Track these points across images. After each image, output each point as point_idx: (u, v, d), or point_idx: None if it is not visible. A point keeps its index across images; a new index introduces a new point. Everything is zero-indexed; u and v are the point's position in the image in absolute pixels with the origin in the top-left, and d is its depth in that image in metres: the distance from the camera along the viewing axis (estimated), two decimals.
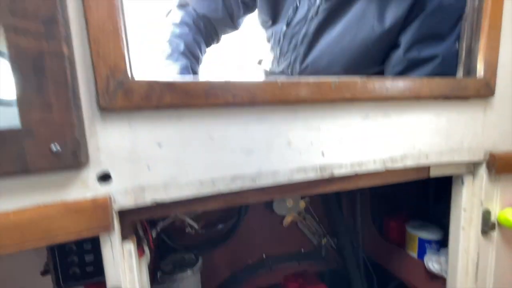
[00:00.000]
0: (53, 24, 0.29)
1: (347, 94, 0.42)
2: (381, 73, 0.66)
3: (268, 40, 0.76)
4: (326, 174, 0.44)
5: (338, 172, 0.45)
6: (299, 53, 0.68)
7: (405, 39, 0.58)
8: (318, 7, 0.62)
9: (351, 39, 0.60)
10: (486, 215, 0.58)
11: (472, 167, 0.58)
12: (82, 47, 0.31)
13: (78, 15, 0.30)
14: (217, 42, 0.80)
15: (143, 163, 0.35)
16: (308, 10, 0.64)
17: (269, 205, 0.89)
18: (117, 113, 0.33)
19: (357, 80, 0.43)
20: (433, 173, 0.55)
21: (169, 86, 0.34)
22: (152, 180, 0.36)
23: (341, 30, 0.60)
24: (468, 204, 0.59)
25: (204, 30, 0.72)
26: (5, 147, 0.29)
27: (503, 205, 0.60)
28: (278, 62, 0.76)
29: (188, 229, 0.74)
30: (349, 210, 1.02)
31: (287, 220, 0.94)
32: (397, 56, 0.59)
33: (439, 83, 0.49)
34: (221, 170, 0.38)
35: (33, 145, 0.29)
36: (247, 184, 0.40)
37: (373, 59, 0.63)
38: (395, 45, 0.60)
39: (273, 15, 0.69)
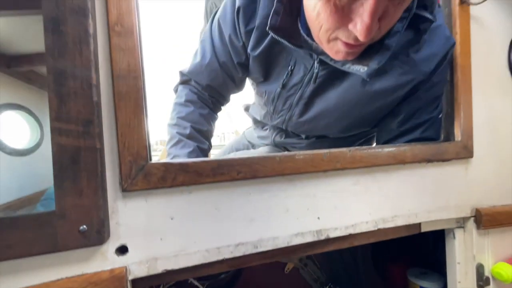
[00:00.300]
0: (89, 125, 0.35)
1: (338, 164, 0.47)
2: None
3: (260, 95, 0.78)
4: (322, 237, 0.48)
5: (334, 234, 0.49)
6: (293, 113, 0.71)
7: (398, 112, 0.63)
8: (317, 74, 0.61)
9: (348, 109, 0.63)
10: (479, 269, 0.61)
11: (462, 222, 0.62)
12: (111, 140, 0.37)
13: (109, 115, 0.37)
14: (227, 102, 0.83)
15: (156, 235, 0.39)
16: (304, 75, 0.65)
17: None
18: (136, 192, 0.38)
19: (346, 151, 0.48)
20: (424, 228, 0.59)
21: (182, 167, 0.39)
22: (164, 251, 0.39)
23: (338, 100, 0.63)
24: (462, 257, 0.61)
25: (210, 100, 0.77)
26: (41, 229, 0.33)
27: (495, 259, 0.62)
28: (271, 118, 0.80)
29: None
30: (350, 257, 1.03)
31: (289, 267, 0.95)
32: (391, 127, 0.65)
33: (421, 149, 0.54)
34: (225, 239, 0.42)
35: (64, 226, 0.34)
36: (249, 250, 0.43)
37: (370, 124, 0.69)
38: (389, 113, 0.65)
39: (265, 74, 0.70)
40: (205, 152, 0.75)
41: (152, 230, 0.39)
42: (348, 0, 0.41)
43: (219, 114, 0.83)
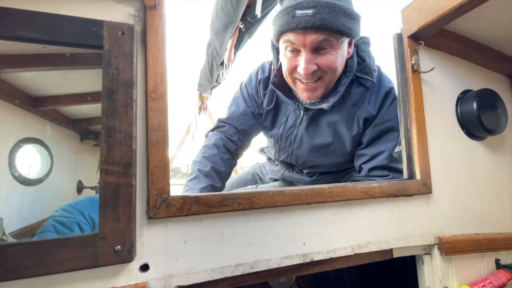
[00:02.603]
0: (129, 167, 0.46)
1: (319, 198, 0.59)
2: None
3: (269, 138, 1.05)
4: (307, 260, 0.58)
5: (317, 257, 0.58)
6: (294, 148, 0.95)
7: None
8: (302, 117, 0.90)
9: (333, 150, 0.88)
10: None
11: (428, 249, 0.72)
12: (142, 178, 0.48)
13: (142, 159, 0.49)
14: (248, 147, 1.08)
15: (173, 255, 0.49)
16: (296, 119, 0.92)
17: None
18: (159, 220, 0.48)
19: (325, 187, 0.60)
20: (396, 254, 0.68)
21: (196, 200, 0.50)
22: (178, 269, 0.48)
23: (321, 142, 0.88)
24: (430, 282, 0.70)
25: (235, 145, 0.98)
26: (86, 247, 0.43)
27: (459, 283, 0.71)
28: (279, 154, 1.03)
29: None
30: (339, 285, 1.09)
31: None
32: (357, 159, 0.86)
33: (388, 186, 0.66)
34: (228, 260, 0.52)
35: (103, 246, 0.43)
36: (247, 270, 0.52)
37: (350, 161, 0.89)
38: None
39: (272, 123, 0.98)
40: (217, 190, 0.89)
41: (169, 251, 0.48)
42: (293, 54, 0.73)
43: (235, 161, 1.03)
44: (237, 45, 1.61)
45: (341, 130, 0.85)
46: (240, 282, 0.53)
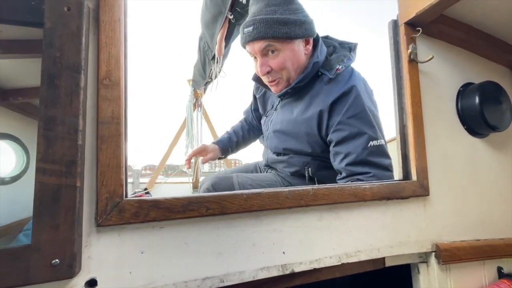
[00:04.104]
0: (72, 165, 0.39)
1: (302, 202, 0.52)
2: None
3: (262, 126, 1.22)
4: (287, 271, 0.51)
5: (298, 268, 0.52)
6: (269, 130, 1.06)
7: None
8: (277, 106, 1.05)
9: (288, 130, 0.96)
10: None
11: (424, 256, 0.65)
12: (91, 179, 0.41)
13: (92, 157, 0.41)
14: (258, 132, 1.34)
15: (126, 269, 0.42)
16: (273, 106, 1.09)
17: None
18: (110, 227, 0.41)
19: (309, 189, 0.53)
20: (388, 263, 0.62)
21: (155, 204, 0.43)
22: (132, 284, 0.42)
23: (283, 123, 0.98)
24: None
25: (249, 126, 1.36)
26: (15, 262, 0.36)
27: None
28: (263, 139, 1.21)
29: None
30: None
31: None
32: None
33: (380, 188, 0.60)
34: (193, 273, 0.45)
35: (37, 260, 0.36)
36: (216, 284, 0.46)
37: (307, 145, 0.93)
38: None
39: (263, 112, 1.18)
40: (231, 141, 1.31)
41: (122, 263, 0.42)
42: (255, 60, 0.92)
43: (252, 137, 1.37)
44: (228, 38, 1.54)
45: (297, 117, 0.93)
46: None
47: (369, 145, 0.80)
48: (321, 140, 0.90)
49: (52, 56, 0.40)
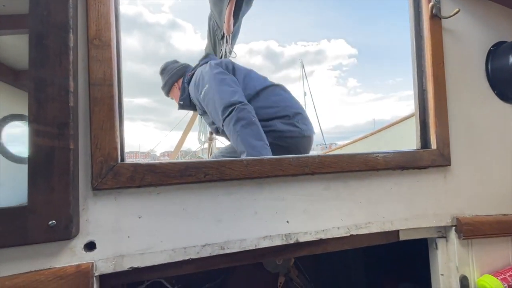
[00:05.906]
0: (65, 127, 0.38)
1: (306, 169, 0.49)
2: None
3: None
4: (291, 241, 0.49)
5: (303, 238, 0.49)
6: None
7: None
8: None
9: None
10: (463, 281, 0.59)
11: (443, 231, 0.61)
12: (85, 142, 0.40)
13: (85, 120, 0.40)
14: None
15: (124, 233, 0.41)
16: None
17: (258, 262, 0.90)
18: (106, 191, 0.41)
19: (314, 157, 0.50)
20: (403, 237, 0.58)
21: (150, 168, 0.42)
22: (130, 249, 0.41)
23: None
24: (445, 269, 0.60)
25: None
26: (12, 221, 0.36)
27: (481, 271, 0.60)
28: None
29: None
30: (343, 269, 1.00)
31: (281, 281, 0.94)
32: None
33: (394, 156, 0.55)
34: (192, 239, 0.44)
35: (34, 220, 0.36)
36: (216, 251, 0.44)
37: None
38: None
39: None
40: None
41: (120, 228, 0.41)
42: None
43: None
44: (236, 14, 1.48)
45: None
46: (209, 265, 0.46)
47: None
48: None
49: (39, 15, 0.38)
